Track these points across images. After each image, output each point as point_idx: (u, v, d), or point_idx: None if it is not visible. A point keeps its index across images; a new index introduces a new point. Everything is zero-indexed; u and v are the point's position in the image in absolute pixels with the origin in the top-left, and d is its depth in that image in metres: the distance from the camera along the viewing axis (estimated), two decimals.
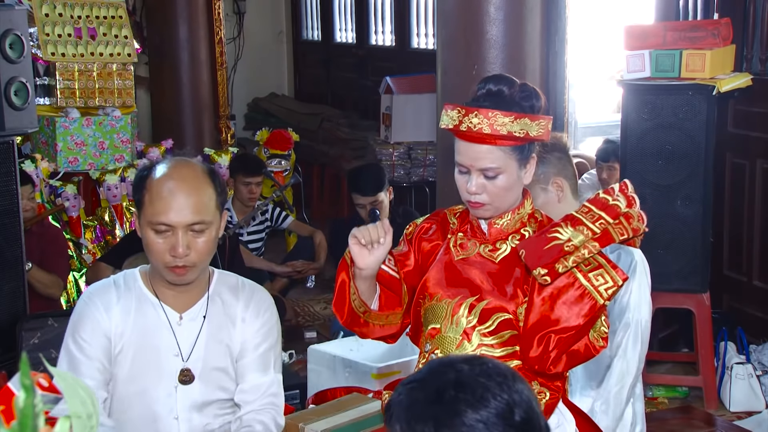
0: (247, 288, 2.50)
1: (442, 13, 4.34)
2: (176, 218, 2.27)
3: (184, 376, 2.38)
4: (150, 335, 2.38)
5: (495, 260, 2.37)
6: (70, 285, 5.12)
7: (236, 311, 2.45)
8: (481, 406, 1.40)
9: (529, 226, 2.39)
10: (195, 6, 6.80)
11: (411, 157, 7.02)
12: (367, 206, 5.15)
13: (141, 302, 2.40)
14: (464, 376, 1.43)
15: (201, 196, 2.30)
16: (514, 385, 1.44)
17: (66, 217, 5.35)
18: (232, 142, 6.99)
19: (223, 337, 2.42)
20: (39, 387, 1.18)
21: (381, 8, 8.50)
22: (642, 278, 2.87)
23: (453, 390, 1.42)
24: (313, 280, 6.17)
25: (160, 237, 2.29)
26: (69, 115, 5.56)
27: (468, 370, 1.45)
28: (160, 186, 2.29)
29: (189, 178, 2.31)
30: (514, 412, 1.41)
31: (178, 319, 2.40)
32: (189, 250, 2.28)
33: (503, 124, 2.26)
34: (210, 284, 2.45)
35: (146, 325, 2.38)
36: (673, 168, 4.19)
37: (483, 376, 1.43)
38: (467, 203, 2.37)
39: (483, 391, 1.41)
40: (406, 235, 2.49)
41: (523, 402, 1.43)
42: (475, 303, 2.35)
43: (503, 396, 1.42)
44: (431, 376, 1.46)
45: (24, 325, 3.60)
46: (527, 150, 2.34)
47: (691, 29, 4.23)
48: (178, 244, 2.26)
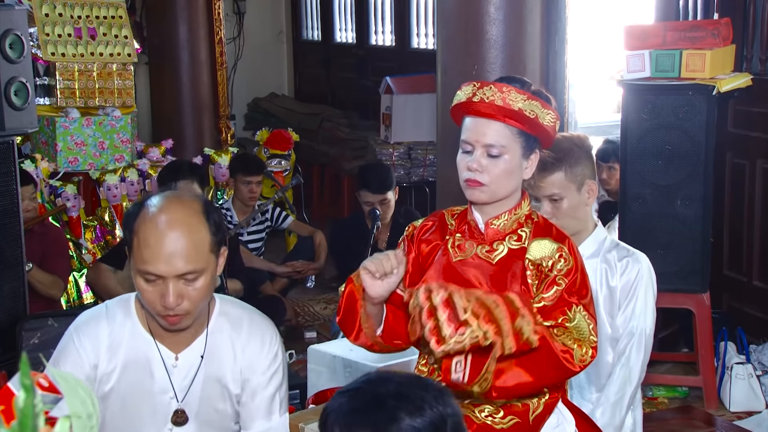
0: (251, 322, 2.32)
1: (442, 13, 4.35)
2: (165, 269, 2.08)
3: (178, 418, 2.25)
4: (142, 375, 2.23)
5: (492, 261, 2.36)
6: (70, 285, 5.12)
7: (237, 350, 2.28)
8: (417, 414, 1.52)
9: (526, 227, 2.38)
10: (195, 6, 6.80)
11: (411, 157, 7.03)
12: (375, 204, 5.17)
13: (134, 338, 2.24)
14: (404, 388, 1.55)
15: (192, 242, 2.10)
16: (448, 400, 1.57)
17: (66, 217, 5.35)
18: (232, 142, 6.99)
19: (221, 377, 2.27)
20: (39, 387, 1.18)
21: (381, 8, 8.50)
22: (648, 287, 2.87)
23: (393, 399, 1.53)
24: (313, 280, 6.17)
25: (150, 285, 2.11)
26: (69, 115, 5.56)
27: (407, 383, 1.57)
28: (147, 232, 2.09)
29: (179, 222, 2.11)
30: (446, 423, 1.54)
31: (173, 360, 2.24)
32: (181, 299, 2.11)
33: (515, 100, 2.27)
34: (210, 318, 2.28)
35: (138, 364, 2.23)
36: (673, 168, 4.19)
37: (421, 389, 1.56)
38: (465, 184, 2.34)
39: (421, 401, 1.53)
40: (406, 236, 2.49)
41: (456, 416, 1.57)
42: None
43: (438, 408, 1.54)
44: (371, 386, 1.57)
45: (24, 325, 3.61)
46: (533, 142, 2.35)
47: (691, 29, 4.23)
48: (168, 294, 2.09)
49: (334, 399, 1.57)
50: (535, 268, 2.33)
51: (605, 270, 2.87)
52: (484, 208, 2.38)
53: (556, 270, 2.30)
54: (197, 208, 2.16)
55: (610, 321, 2.87)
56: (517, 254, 2.35)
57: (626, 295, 2.85)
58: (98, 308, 2.32)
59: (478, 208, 2.39)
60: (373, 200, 5.19)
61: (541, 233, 2.37)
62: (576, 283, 2.30)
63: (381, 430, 1.50)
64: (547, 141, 2.38)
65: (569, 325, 2.25)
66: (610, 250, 2.88)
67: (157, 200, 2.15)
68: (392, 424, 1.50)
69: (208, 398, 2.27)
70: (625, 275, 2.85)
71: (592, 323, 2.28)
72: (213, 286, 2.21)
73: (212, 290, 2.21)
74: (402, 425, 1.50)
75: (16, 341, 3.63)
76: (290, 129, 7.25)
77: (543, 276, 2.32)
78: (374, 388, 1.55)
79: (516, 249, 2.35)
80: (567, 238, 2.37)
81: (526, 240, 2.36)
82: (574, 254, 2.34)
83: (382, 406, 1.52)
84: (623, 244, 2.97)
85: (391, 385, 1.55)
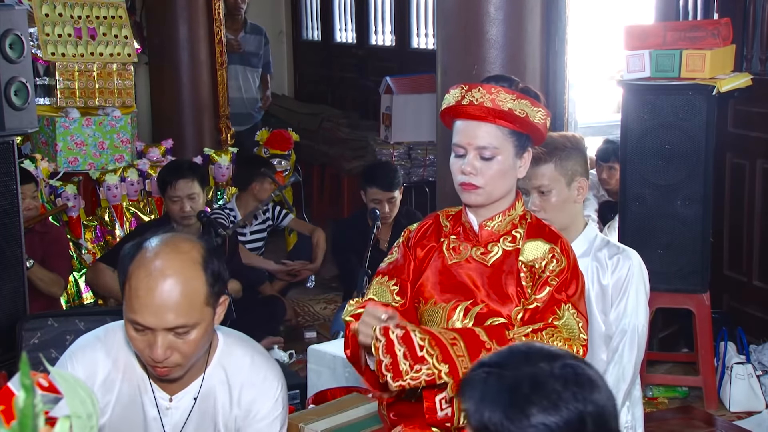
0: (253, 366, 2.20)
1: (442, 13, 4.34)
2: (154, 321, 1.97)
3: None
4: (135, 414, 2.16)
5: (487, 263, 2.36)
6: (70, 285, 5.13)
7: (234, 397, 2.19)
8: (552, 411, 1.40)
9: (521, 227, 2.38)
10: (195, 6, 6.80)
11: (411, 157, 7.03)
12: (383, 201, 5.18)
13: (130, 373, 2.16)
14: (542, 376, 1.43)
15: (185, 295, 1.98)
16: (590, 396, 1.42)
17: (66, 217, 5.35)
18: (232, 142, 6.99)
19: (216, 423, 2.19)
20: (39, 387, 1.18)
21: (381, 8, 8.51)
22: (639, 284, 2.87)
23: (528, 388, 1.42)
24: (313, 280, 6.17)
25: (139, 335, 2.01)
26: (69, 115, 5.56)
27: (548, 371, 1.44)
28: (138, 280, 1.98)
29: (173, 272, 1.98)
30: (585, 423, 1.41)
31: (167, 402, 2.16)
32: (171, 352, 2.01)
33: (505, 100, 2.27)
34: (210, 360, 2.18)
35: (132, 401, 2.16)
36: (673, 168, 4.19)
37: (560, 382, 1.42)
38: (460, 188, 2.34)
39: (556, 397, 1.41)
40: (402, 242, 2.47)
41: (599, 412, 1.42)
42: (470, 307, 2.34)
43: (576, 406, 1.41)
44: (511, 365, 1.46)
45: (24, 325, 3.61)
46: (525, 140, 2.34)
47: (691, 29, 4.23)
48: (156, 346, 1.98)
49: (475, 369, 1.48)
50: (528, 269, 2.33)
51: (596, 268, 2.88)
52: (479, 209, 2.38)
53: (549, 271, 2.30)
54: (195, 257, 2.03)
55: (604, 318, 2.87)
56: (512, 255, 2.35)
57: (618, 292, 2.85)
58: (96, 335, 2.21)
59: (472, 209, 2.39)
60: (382, 197, 5.20)
61: (534, 234, 2.37)
62: (566, 282, 2.30)
63: (510, 419, 1.40)
64: (539, 138, 2.38)
65: (558, 324, 2.25)
66: (601, 248, 2.89)
67: (154, 244, 2.03)
68: (522, 418, 1.39)
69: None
70: (617, 273, 2.85)
71: (582, 321, 2.28)
72: (208, 339, 2.10)
73: (207, 342, 2.10)
74: (533, 421, 1.39)
75: (16, 341, 3.62)
76: (290, 129, 7.25)
77: (536, 277, 2.32)
78: (516, 368, 1.44)
79: (510, 250, 2.35)
80: (560, 238, 2.37)
81: (520, 241, 2.36)
82: (567, 253, 2.34)
83: (514, 392, 1.41)
84: (614, 242, 2.98)
85: (530, 368, 1.44)
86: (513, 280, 2.33)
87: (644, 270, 2.90)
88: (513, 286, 2.33)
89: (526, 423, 1.39)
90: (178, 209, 4.73)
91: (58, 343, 3.53)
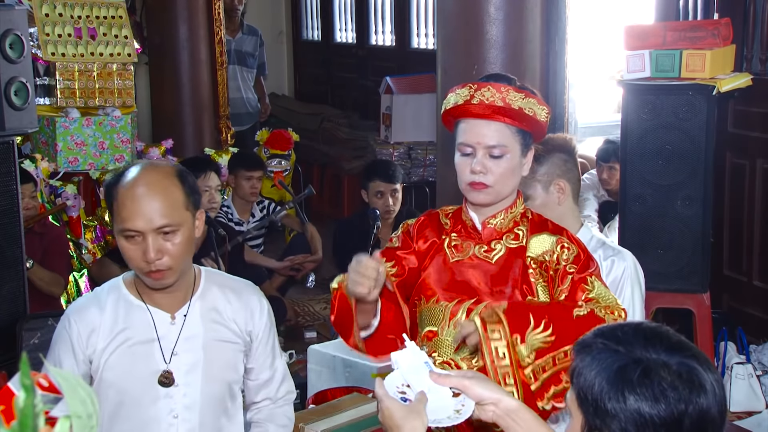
0: (237, 282, 2.51)
1: (442, 13, 4.34)
2: (142, 224, 2.24)
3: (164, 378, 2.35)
4: (143, 342, 2.35)
5: (491, 261, 2.35)
6: (70, 285, 5.12)
7: (234, 305, 2.45)
8: (652, 403, 1.41)
9: (522, 225, 2.38)
10: (195, 6, 6.80)
11: (411, 157, 7.03)
12: (387, 194, 5.19)
13: (129, 310, 2.37)
14: (655, 366, 1.43)
15: (167, 199, 2.27)
16: (696, 398, 1.42)
17: (66, 217, 5.35)
18: (232, 142, 6.99)
19: (223, 331, 2.42)
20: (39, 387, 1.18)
21: (381, 8, 8.51)
22: (635, 285, 2.87)
23: (637, 374, 1.43)
24: (313, 280, 6.16)
25: (132, 243, 2.26)
26: (69, 115, 5.56)
27: (662, 362, 1.44)
28: (125, 193, 2.26)
29: (154, 182, 2.27)
30: (682, 424, 1.42)
31: (170, 319, 2.38)
32: (161, 254, 2.26)
33: (515, 99, 2.28)
34: (199, 282, 2.44)
35: (137, 332, 2.35)
36: (673, 168, 4.19)
37: (670, 377, 1.42)
38: (468, 187, 2.33)
39: (660, 391, 1.42)
40: (403, 232, 2.45)
41: (697, 417, 1.42)
42: (473, 306, 2.32)
43: (678, 405, 1.41)
44: (629, 344, 1.47)
45: (24, 325, 3.60)
46: (529, 138, 2.35)
47: (691, 29, 4.23)
48: (148, 249, 2.24)
49: (596, 334, 1.51)
50: (538, 265, 2.32)
51: None
52: (481, 207, 2.37)
53: (563, 260, 2.31)
54: (171, 171, 2.33)
55: None
56: (517, 253, 2.34)
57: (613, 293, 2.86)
58: (88, 295, 2.48)
59: (474, 207, 2.38)
60: (385, 189, 5.22)
61: (538, 229, 2.37)
62: (585, 264, 2.31)
63: (609, 397, 1.43)
64: (540, 136, 2.40)
65: (592, 296, 2.26)
66: (596, 249, 2.89)
67: (134, 168, 2.31)
68: (621, 399, 1.42)
69: (210, 355, 2.38)
70: (612, 273, 2.86)
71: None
72: (192, 245, 2.35)
73: (192, 249, 2.35)
74: (629, 406, 1.42)
75: (16, 341, 3.62)
76: (290, 129, 7.25)
77: (549, 270, 2.31)
78: (632, 349, 1.46)
79: (515, 248, 2.35)
80: (564, 229, 2.38)
81: (523, 238, 2.35)
82: (576, 241, 2.35)
83: (623, 375, 1.43)
84: (609, 243, 2.98)
85: (649, 352, 1.45)
86: (518, 278, 2.32)
87: (640, 271, 2.90)
88: (519, 284, 2.32)
89: (623, 405, 1.42)
90: (207, 201, 4.78)
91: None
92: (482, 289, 2.34)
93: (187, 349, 2.37)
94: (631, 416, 1.42)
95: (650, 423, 1.41)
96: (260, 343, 2.49)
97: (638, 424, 1.42)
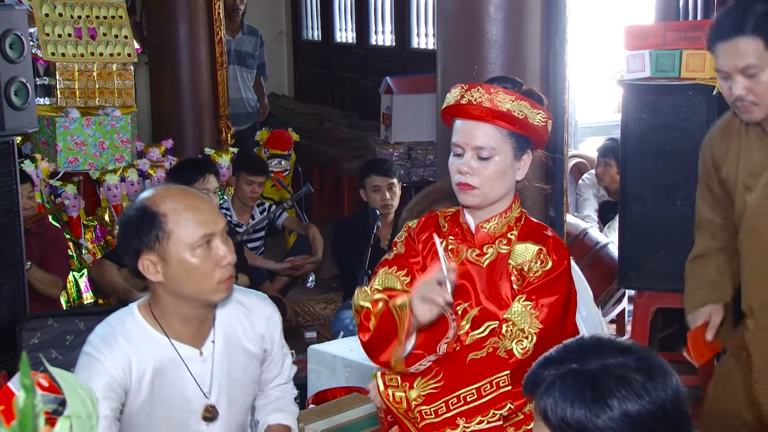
0: (243, 294, 2.50)
1: (442, 13, 4.34)
2: (218, 227, 2.25)
3: (208, 413, 2.35)
4: (173, 378, 2.31)
5: (482, 265, 2.34)
6: (70, 285, 5.12)
7: (247, 332, 2.45)
8: (636, 402, 1.43)
9: (516, 229, 2.36)
10: (195, 6, 6.80)
11: (411, 157, 7.03)
12: (383, 189, 5.20)
13: (154, 344, 2.30)
14: (622, 369, 1.45)
15: (210, 203, 2.34)
16: (670, 383, 1.46)
17: (66, 217, 5.35)
18: (232, 142, 6.99)
19: (245, 349, 2.45)
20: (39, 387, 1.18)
21: (381, 8, 8.51)
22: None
23: (611, 382, 1.44)
24: (313, 281, 6.16)
25: (203, 252, 2.22)
26: (69, 115, 5.56)
27: (625, 363, 1.46)
28: (180, 205, 2.23)
29: (190, 193, 2.32)
30: (668, 411, 1.44)
31: (198, 355, 2.34)
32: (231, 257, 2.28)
33: (504, 101, 2.25)
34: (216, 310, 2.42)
35: (165, 368, 2.30)
36: (673, 168, 4.18)
37: (641, 373, 1.45)
38: (457, 188, 2.33)
39: (640, 388, 1.43)
40: (407, 237, 2.45)
41: (674, 399, 1.45)
42: (468, 309, 2.33)
43: (659, 395, 1.44)
44: (584, 359, 1.48)
45: (24, 325, 3.61)
46: (524, 142, 2.32)
47: (691, 29, 4.23)
48: (227, 250, 2.25)
49: (542, 367, 1.50)
50: (518, 273, 2.31)
51: None
52: (476, 211, 2.36)
53: (532, 272, 2.29)
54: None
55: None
56: (506, 258, 2.33)
57: None
58: (104, 328, 2.32)
59: (470, 210, 2.37)
60: (381, 183, 5.22)
61: (524, 236, 2.34)
62: (550, 282, 2.27)
63: (596, 414, 1.42)
64: (539, 141, 2.36)
65: (508, 316, 2.25)
66: None
67: (150, 191, 2.30)
68: (608, 411, 1.42)
69: (234, 385, 2.39)
70: None
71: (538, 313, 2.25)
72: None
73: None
74: (616, 413, 1.42)
75: (16, 341, 3.63)
76: (290, 129, 7.25)
77: (526, 281, 2.30)
78: (591, 363, 1.46)
79: (505, 253, 2.34)
80: (549, 239, 2.33)
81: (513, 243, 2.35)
82: (553, 254, 2.31)
83: (599, 389, 1.43)
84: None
85: (608, 361, 1.46)
86: (507, 283, 2.32)
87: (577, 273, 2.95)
88: (507, 288, 2.32)
89: (611, 414, 1.42)
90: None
91: (58, 343, 3.54)
92: (475, 292, 2.34)
93: (219, 383, 2.37)
94: (621, 422, 1.42)
95: (640, 421, 1.42)
96: (273, 349, 2.55)
97: (629, 427, 1.42)
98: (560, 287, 2.30)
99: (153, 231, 2.20)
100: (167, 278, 2.23)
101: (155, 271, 2.23)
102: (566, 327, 2.32)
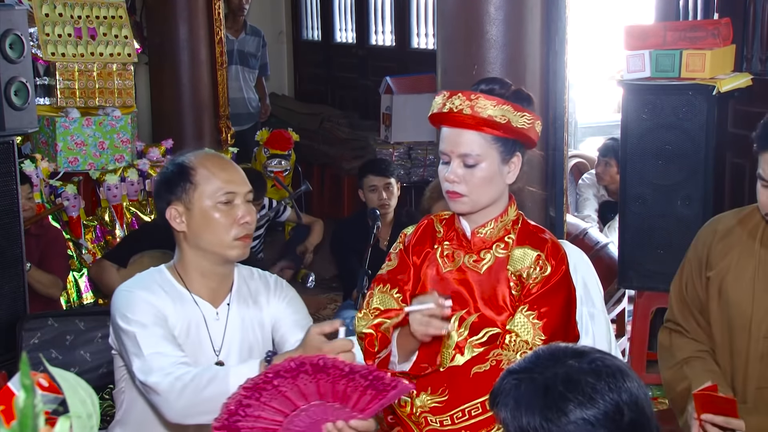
0: (260, 275, 2.61)
1: (442, 13, 4.34)
2: (243, 188, 2.39)
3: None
4: (195, 334, 2.43)
5: (480, 271, 2.33)
6: (69, 285, 5.12)
7: (268, 294, 2.56)
8: (589, 405, 1.43)
9: (513, 233, 2.34)
10: (195, 6, 6.80)
11: (411, 157, 7.03)
12: (380, 189, 5.19)
13: (180, 299, 2.43)
14: (574, 373, 1.45)
15: (241, 171, 2.44)
16: (624, 385, 1.45)
17: (66, 217, 5.35)
18: (232, 142, 6.99)
19: (260, 320, 2.52)
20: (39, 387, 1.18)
21: (381, 8, 8.50)
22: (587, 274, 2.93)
23: (562, 386, 1.44)
24: (313, 280, 6.16)
25: (226, 208, 2.36)
26: (69, 115, 5.56)
27: (578, 367, 1.46)
28: (213, 162, 2.39)
29: (225, 159, 2.46)
30: (623, 413, 1.44)
31: (215, 314, 2.45)
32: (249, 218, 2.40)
33: (484, 107, 2.22)
34: (234, 275, 2.52)
35: (188, 323, 2.43)
36: (673, 168, 4.19)
37: (592, 375, 1.45)
38: (447, 195, 2.32)
39: (591, 390, 1.43)
40: (401, 249, 2.44)
41: (634, 401, 1.45)
42: (465, 316, 2.31)
43: (612, 396, 1.44)
44: (540, 368, 1.48)
45: (24, 325, 3.60)
46: (512, 145, 2.29)
47: (691, 29, 4.23)
48: (246, 211, 2.37)
49: (504, 377, 1.52)
50: (517, 278, 2.30)
51: None
52: (471, 216, 2.34)
53: (532, 279, 2.28)
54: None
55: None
56: (504, 263, 2.31)
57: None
58: (136, 280, 2.46)
59: (464, 216, 2.36)
60: (378, 183, 5.22)
61: (522, 241, 2.33)
62: (550, 290, 2.27)
63: (550, 420, 1.43)
64: (529, 142, 2.33)
65: (510, 327, 2.25)
66: None
67: (190, 152, 2.45)
68: (561, 416, 1.42)
69: (245, 345, 2.47)
70: None
71: (540, 323, 2.24)
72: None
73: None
74: (572, 417, 1.42)
75: (16, 341, 3.62)
76: (290, 129, 7.25)
77: (525, 288, 2.29)
78: (545, 370, 1.47)
79: (502, 258, 2.32)
80: (547, 243, 2.32)
81: (511, 247, 2.33)
82: (551, 259, 2.30)
83: (551, 394, 1.44)
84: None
85: (560, 367, 1.47)
86: (505, 288, 2.30)
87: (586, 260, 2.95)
88: (506, 294, 2.30)
89: (565, 420, 1.42)
90: None
91: (58, 343, 3.53)
92: (473, 299, 2.32)
93: (230, 343, 2.45)
94: (577, 426, 1.42)
95: (596, 424, 1.42)
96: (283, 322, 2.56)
97: (585, 429, 1.42)
98: (560, 293, 2.29)
99: (182, 182, 2.37)
100: (189, 228, 2.38)
101: (180, 220, 2.38)
102: (569, 331, 2.32)
